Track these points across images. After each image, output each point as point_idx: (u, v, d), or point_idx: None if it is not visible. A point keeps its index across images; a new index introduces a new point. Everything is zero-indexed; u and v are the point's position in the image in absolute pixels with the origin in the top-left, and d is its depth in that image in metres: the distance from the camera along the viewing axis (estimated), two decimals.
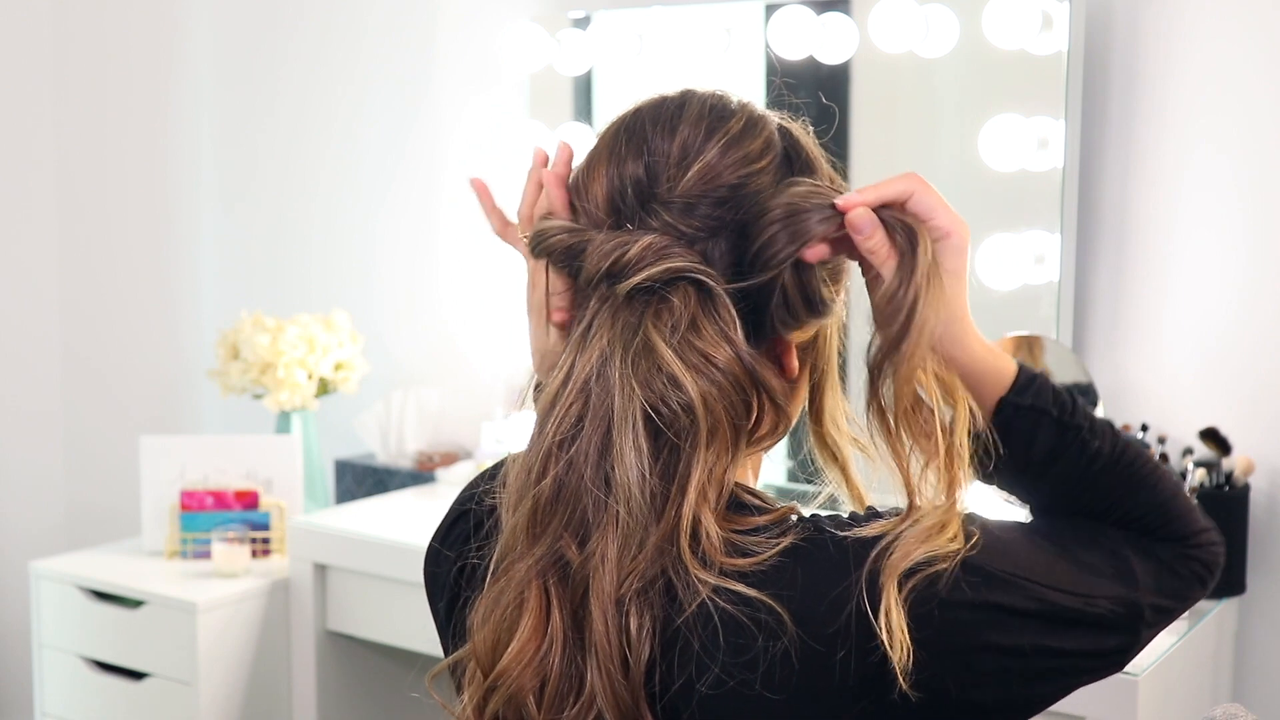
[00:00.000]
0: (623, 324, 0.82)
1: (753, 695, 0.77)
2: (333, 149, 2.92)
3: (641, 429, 0.80)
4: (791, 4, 2.19)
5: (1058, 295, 2.04)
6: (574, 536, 0.81)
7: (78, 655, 2.46)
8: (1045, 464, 0.89)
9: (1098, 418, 0.92)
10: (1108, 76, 2.05)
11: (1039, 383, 0.89)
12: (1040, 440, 0.88)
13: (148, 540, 2.53)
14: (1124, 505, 0.90)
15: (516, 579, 0.82)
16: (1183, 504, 0.93)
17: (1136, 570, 0.88)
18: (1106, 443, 0.90)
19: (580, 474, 0.81)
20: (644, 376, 0.80)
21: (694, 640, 0.78)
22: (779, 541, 0.79)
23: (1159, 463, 0.94)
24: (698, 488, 0.79)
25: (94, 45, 3.18)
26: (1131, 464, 0.91)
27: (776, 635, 0.76)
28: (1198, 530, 0.93)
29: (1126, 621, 0.86)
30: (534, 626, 0.81)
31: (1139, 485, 0.91)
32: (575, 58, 2.48)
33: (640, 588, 0.78)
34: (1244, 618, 2.00)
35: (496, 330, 2.70)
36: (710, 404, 0.80)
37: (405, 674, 2.51)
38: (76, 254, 3.23)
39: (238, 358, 2.61)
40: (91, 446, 3.25)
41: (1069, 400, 0.90)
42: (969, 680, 0.79)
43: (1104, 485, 0.90)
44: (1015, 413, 0.87)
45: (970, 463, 0.85)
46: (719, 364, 0.81)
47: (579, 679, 0.80)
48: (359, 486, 2.72)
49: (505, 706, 0.82)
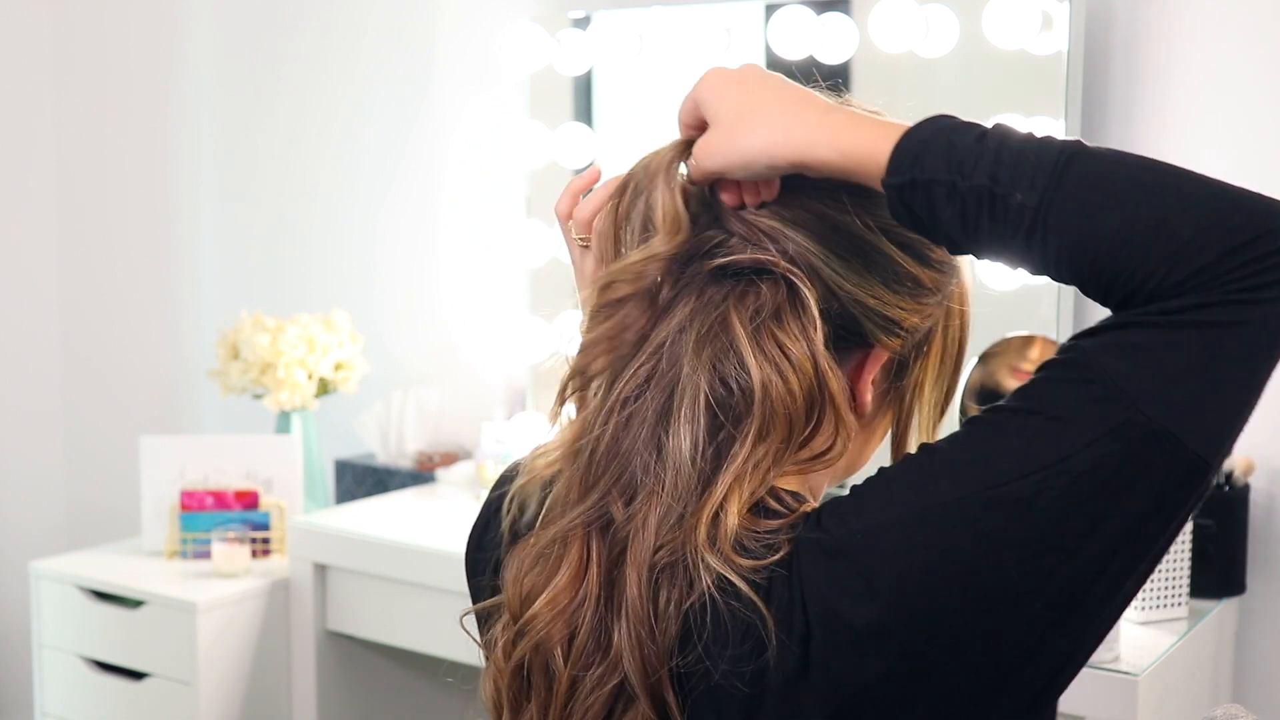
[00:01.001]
0: (707, 299, 0.82)
1: (739, 694, 0.77)
2: (333, 149, 2.92)
3: (701, 404, 0.79)
4: (791, 4, 2.19)
5: (1058, 295, 2.04)
6: (621, 495, 0.80)
7: (78, 655, 2.46)
8: (967, 237, 0.76)
9: (1034, 148, 0.74)
10: (1108, 76, 2.05)
11: (924, 147, 0.76)
12: (943, 216, 0.76)
13: (148, 540, 2.53)
14: (1098, 262, 0.73)
15: (562, 529, 0.81)
16: (1199, 216, 0.72)
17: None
18: (1033, 190, 0.73)
19: (636, 434, 0.80)
20: (713, 353, 0.80)
21: (705, 627, 0.77)
22: (782, 547, 0.77)
23: (1144, 170, 0.74)
24: (735, 475, 0.78)
25: (94, 45, 3.18)
26: (1078, 200, 0.73)
27: (762, 646, 0.76)
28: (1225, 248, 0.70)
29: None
30: (570, 578, 0.80)
31: (1097, 222, 0.73)
32: (575, 58, 2.48)
33: (670, 562, 0.78)
34: (1244, 618, 2.00)
35: (496, 330, 2.70)
36: (771, 395, 0.79)
37: (405, 674, 2.51)
38: (76, 254, 3.23)
39: (238, 358, 2.61)
40: (91, 446, 3.25)
41: (975, 154, 0.75)
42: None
43: (1052, 244, 0.74)
44: (898, 195, 0.77)
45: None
46: (792, 357, 0.80)
47: (607, 639, 0.79)
48: (359, 486, 2.72)
49: (533, 654, 0.81)
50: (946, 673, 0.73)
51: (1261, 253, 0.71)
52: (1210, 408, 0.73)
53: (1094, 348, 0.73)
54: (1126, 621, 1.81)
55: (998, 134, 0.76)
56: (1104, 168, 0.74)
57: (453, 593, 2.16)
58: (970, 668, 0.73)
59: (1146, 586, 1.81)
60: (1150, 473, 0.71)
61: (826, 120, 0.79)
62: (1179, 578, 1.84)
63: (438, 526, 2.31)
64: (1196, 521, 1.87)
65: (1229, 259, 0.71)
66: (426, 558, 2.19)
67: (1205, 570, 1.89)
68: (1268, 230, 0.72)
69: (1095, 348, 0.73)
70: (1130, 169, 0.75)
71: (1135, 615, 1.83)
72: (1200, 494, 0.74)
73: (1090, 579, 0.73)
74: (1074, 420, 0.72)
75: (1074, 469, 0.71)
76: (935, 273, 0.86)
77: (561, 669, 0.80)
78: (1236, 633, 1.99)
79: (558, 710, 0.81)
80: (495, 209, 2.69)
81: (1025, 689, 0.75)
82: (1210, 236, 0.71)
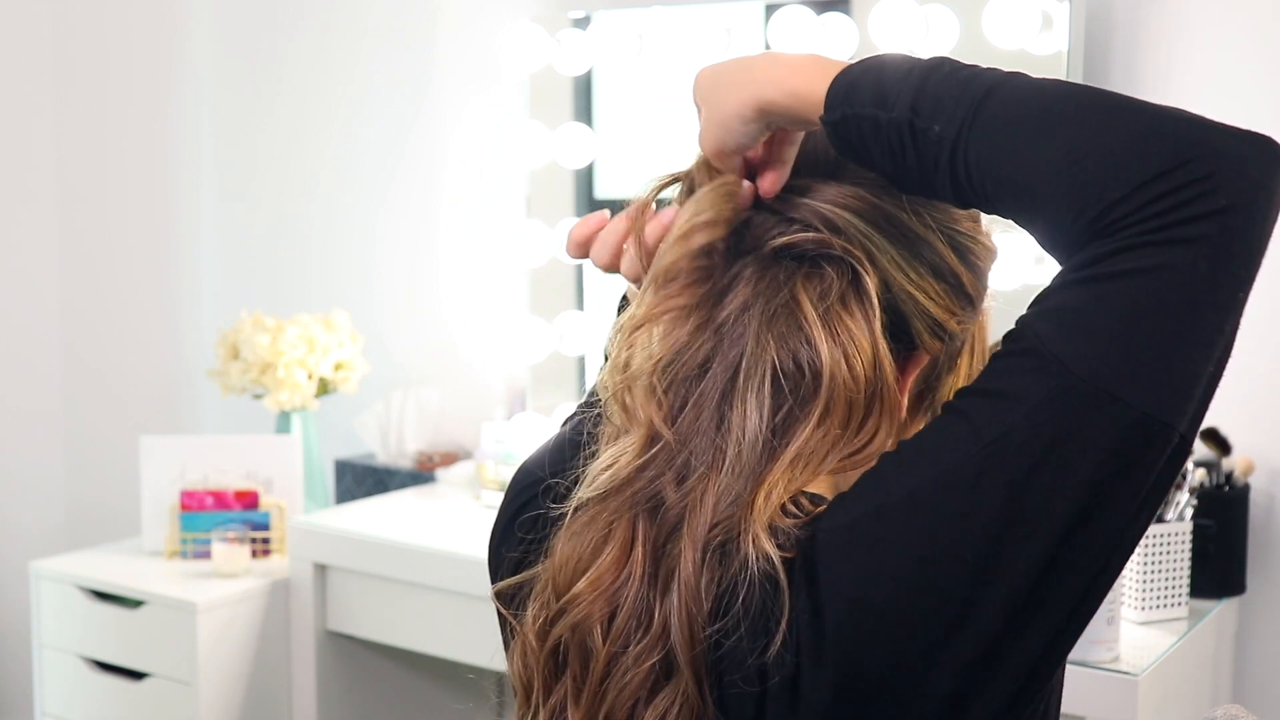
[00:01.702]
0: (770, 280, 0.81)
1: (756, 673, 0.76)
2: (333, 149, 2.93)
3: (768, 382, 0.78)
4: (791, 4, 2.19)
5: None
6: (675, 475, 0.79)
7: (78, 655, 2.46)
8: (901, 174, 0.76)
9: (964, 78, 0.72)
10: (1108, 76, 2.05)
11: (855, 82, 0.75)
12: (875, 152, 0.76)
13: (148, 540, 2.53)
14: (1021, 202, 0.70)
15: (610, 508, 0.80)
16: (1134, 139, 0.66)
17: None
18: (951, 121, 0.71)
19: (697, 413, 0.80)
20: (781, 331, 0.79)
21: (741, 604, 0.76)
22: (800, 541, 0.76)
23: (1070, 96, 0.69)
24: (794, 456, 0.78)
25: (94, 45, 3.18)
26: (992, 130, 0.70)
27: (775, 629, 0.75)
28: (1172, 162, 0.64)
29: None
30: (616, 558, 0.79)
31: (1010, 152, 0.69)
32: (575, 58, 2.48)
33: (722, 540, 0.77)
34: (1244, 618, 2.00)
35: (496, 330, 2.70)
36: (838, 378, 0.78)
37: (405, 674, 2.51)
38: (76, 254, 3.23)
39: (238, 358, 2.61)
40: (92, 446, 3.25)
41: (901, 87, 0.73)
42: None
43: (976, 179, 0.71)
44: (834, 131, 0.77)
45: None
46: (858, 342, 0.79)
47: (649, 615, 0.78)
48: (359, 486, 2.72)
49: (570, 633, 0.80)
50: (921, 672, 0.72)
51: (1181, 183, 0.65)
52: (1149, 363, 0.67)
53: (1029, 317, 0.72)
54: (1126, 621, 1.81)
55: (927, 65, 0.75)
56: (1027, 95, 0.70)
57: (453, 593, 2.16)
58: (936, 666, 0.72)
59: (1146, 586, 1.81)
60: (1098, 438, 0.68)
61: (775, 67, 0.80)
62: (1179, 578, 1.84)
63: (438, 526, 2.31)
64: (1196, 521, 1.87)
65: (1144, 191, 0.65)
66: (426, 558, 2.19)
67: (1205, 570, 1.89)
68: (1187, 158, 0.65)
69: (1030, 316, 0.72)
70: (1054, 96, 0.70)
71: (1135, 615, 1.83)
72: (1172, 458, 0.70)
73: (1057, 556, 0.70)
74: (1014, 394, 0.70)
75: (1015, 441, 0.69)
76: (977, 281, 0.86)
77: (600, 647, 0.79)
78: (1236, 633, 1.99)
79: (593, 688, 0.80)
80: (495, 209, 2.69)
81: (996, 691, 0.73)
82: (1124, 167, 0.65)
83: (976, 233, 0.86)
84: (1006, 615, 0.71)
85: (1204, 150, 0.65)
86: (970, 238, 0.85)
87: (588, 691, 0.80)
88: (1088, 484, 0.69)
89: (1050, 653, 0.74)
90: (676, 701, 0.77)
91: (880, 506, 0.73)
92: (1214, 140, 0.66)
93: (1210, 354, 0.68)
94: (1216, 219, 0.65)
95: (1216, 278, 0.66)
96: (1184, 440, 0.70)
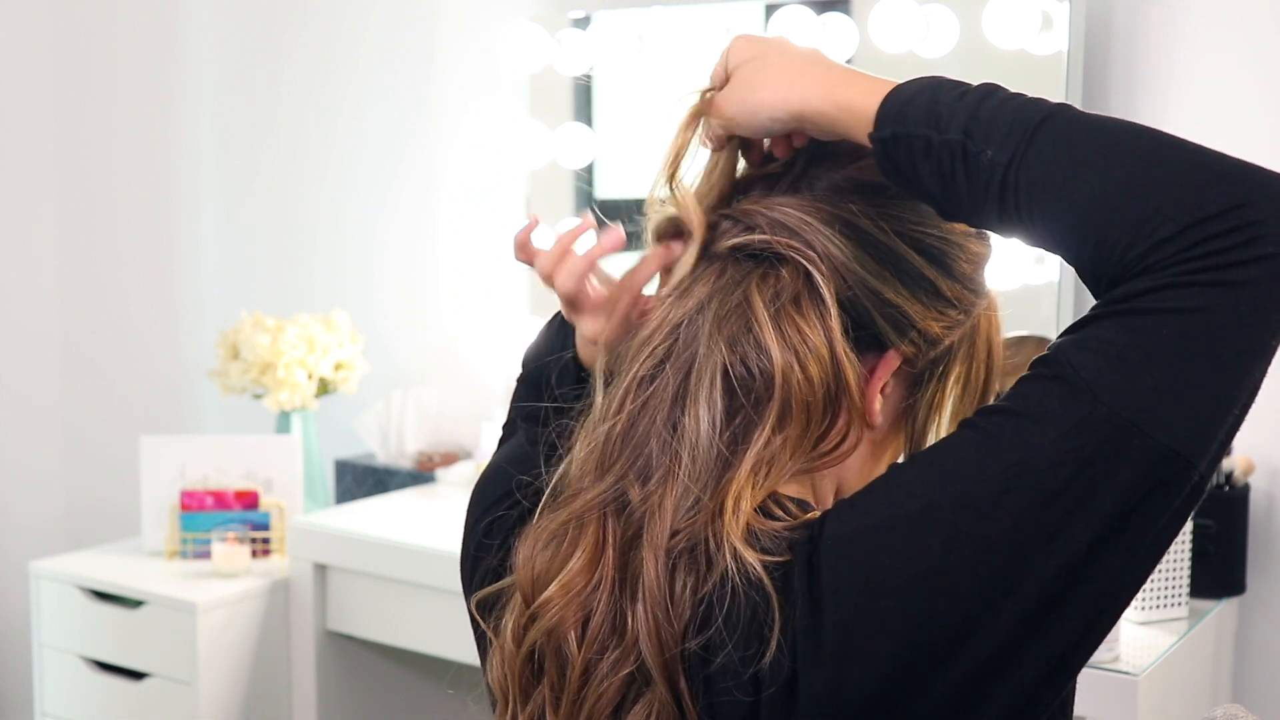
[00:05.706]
0: (727, 280, 0.82)
1: (747, 682, 0.75)
2: (333, 149, 2.92)
3: (719, 385, 0.78)
4: (791, 4, 2.19)
5: (1058, 295, 2.04)
6: (638, 476, 0.79)
7: (78, 655, 2.46)
8: (949, 197, 0.75)
9: (1017, 105, 0.73)
10: (1108, 76, 2.05)
11: (909, 102, 0.75)
12: (923, 172, 0.75)
13: (148, 540, 2.53)
14: (1072, 232, 0.70)
15: (576, 511, 0.80)
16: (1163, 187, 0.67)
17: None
18: (1004, 147, 0.72)
19: (653, 415, 0.80)
20: (731, 334, 0.79)
21: (720, 613, 0.75)
22: (790, 547, 0.76)
23: (1125, 132, 0.70)
24: (754, 461, 0.77)
25: (95, 46, 3.18)
26: (1048, 159, 0.70)
27: (768, 636, 0.74)
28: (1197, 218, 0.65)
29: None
30: (586, 561, 0.79)
31: (1065, 183, 0.70)
32: (575, 58, 2.48)
33: (688, 547, 0.77)
34: (1244, 618, 2.00)
35: (496, 330, 2.70)
36: (790, 381, 0.78)
37: (405, 674, 2.51)
38: (77, 253, 3.23)
39: (238, 358, 2.61)
40: (92, 446, 3.25)
41: (955, 109, 0.74)
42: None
43: (1025, 206, 0.72)
44: (882, 149, 0.76)
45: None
46: (810, 345, 0.79)
47: (623, 623, 0.78)
48: (359, 486, 2.72)
49: (545, 640, 0.80)
50: (920, 686, 0.72)
51: (1230, 226, 0.66)
52: (1179, 400, 0.68)
53: (1065, 343, 0.72)
54: (1126, 621, 1.81)
55: (982, 91, 0.75)
56: (1082, 127, 0.71)
57: (453, 593, 2.16)
58: (937, 678, 0.71)
59: (1146, 586, 1.81)
60: (1120, 469, 0.68)
61: (825, 74, 0.80)
62: (1179, 578, 1.84)
63: (438, 526, 2.31)
64: (1196, 521, 1.87)
65: (1193, 232, 0.66)
66: (426, 558, 2.19)
67: (1205, 570, 1.89)
68: (1241, 202, 0.66)
69: (1066, 343, 0.72)
70: (1110, 130, 0.71)
71: (1135, 615, 1.83)
72: (1190, 496, 0.71)
73: (1068, 582, 0.70)
74: (1042, 418, 0.70)
75: (1039, 465, 0.69)
76: (958, 285, 0.85)
77: (575, 654, 0.79)
78: (1236, 633, 1.99)
79: (570, 695, 0.79)
80: (495, 209, 2.69)
81: (997, 706, 0.73)
82: (1177, 206, 0.66)
83: (950, 235, 0.85)
84: (1012, 635, 0.71)
85: (1255, 196, 0.66)
86: (943, 240, 0.84)
87: (566, 699, 0.80)
88: (1106, 514, 0.69)
89: (1052, 679, 0.73)
90: (655, 710, 0.76)
91: (892, 518, 0.73)
92: (1267, 187, 0.67)
93: (1238, 396, 0.69)
94: (1263, 264, 0.66)
95: (1255, 323, 0.67)
96: (1202, 479, 0.70)
